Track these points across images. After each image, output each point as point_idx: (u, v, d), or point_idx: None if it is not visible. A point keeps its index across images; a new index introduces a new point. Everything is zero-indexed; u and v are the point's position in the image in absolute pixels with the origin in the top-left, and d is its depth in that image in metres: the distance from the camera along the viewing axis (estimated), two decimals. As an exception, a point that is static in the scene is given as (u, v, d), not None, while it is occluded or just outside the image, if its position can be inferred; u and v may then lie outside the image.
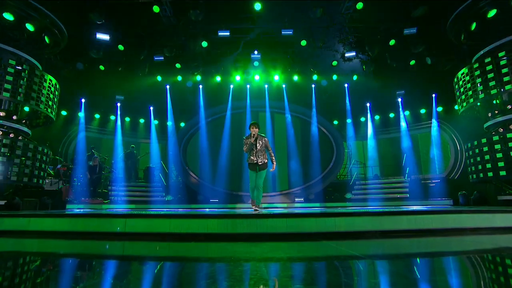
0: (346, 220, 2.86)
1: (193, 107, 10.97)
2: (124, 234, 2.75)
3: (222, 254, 2.10)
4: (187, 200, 9.44)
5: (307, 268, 1.68)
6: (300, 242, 2.60)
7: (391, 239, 2.65)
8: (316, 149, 10.57)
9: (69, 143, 10.54)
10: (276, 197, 9.58)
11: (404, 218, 2.89)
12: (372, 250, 2.24)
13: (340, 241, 2.54)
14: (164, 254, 2.15)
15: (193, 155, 10.66)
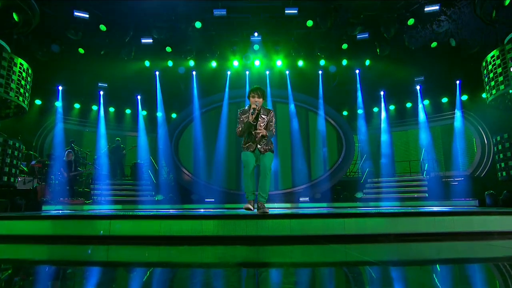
0: (356, 221, 2.85)
1: (185, 96, 10.97)
2: (108, 237, 2.75)
3: (218, 259, 2.10)
4: (180, 199, 9.49)
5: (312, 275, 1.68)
6: (305, 245, 2.59)
7: (407, 243, 2.65)
8: (323, 143, 10.59)
9: (45, 136, 10.54)
10: (278, 197, 9.64)
11: (422, 219, 2.89)
12: (386, 255, 2.24)
13: (349, 245, 2.53)
14: (153, 259, 2.15)
15: (186, 150, 10.69)
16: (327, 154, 10.65)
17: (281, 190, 9.99)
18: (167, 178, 10.99)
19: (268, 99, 10.85)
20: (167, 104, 11.12)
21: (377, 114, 11.77)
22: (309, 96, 11.07)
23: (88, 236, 2.78)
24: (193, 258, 2.20)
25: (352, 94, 10.99)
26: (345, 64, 10.55)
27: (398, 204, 8.49)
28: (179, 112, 11.27)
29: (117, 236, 2.77)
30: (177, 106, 11.33)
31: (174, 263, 1.99)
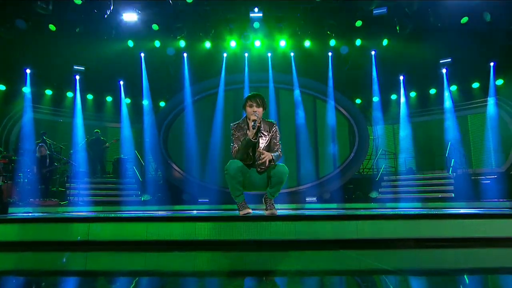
0: (371, 224, 2.84)
1: (175, 82, 10.98)
2: (87, 243, 2.75)
3: (213, 267, 2.10)
4: (169, 200, 9.60)
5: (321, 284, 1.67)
6: (313, 251, 2.59)
7: (430, 250, 2.64)
8: (332, 136, 10.71)
9: (10, 127, 10.49)
10: (281, 197, 9.60)
11: (447, 222, 2.88)
12: (406, 263, 2.24)
13: (363, 251, 2.53)
14: (139, 267, 2.15)
15: (177, 143, 10.75)
16: (337, 148, 10.70)
17: (285, 189, 10.03)
18: (155, 175, 11.04)
19: (270, 85, 10.84)
20: (154, 90, 11.10)
21: (395, 102, 11.75)
22: (317, 81, 11.06)
23: (63, 242, 2.78)
24: (184, 266, 2.20)
25: (366, 79, 10.96)
26: (359, 44, 10.48)
27: (419, 205, 8.52)
28: (168, 100, 11.27)
29: (97, 241, 2.76)
30: (166, 93, 11.32)
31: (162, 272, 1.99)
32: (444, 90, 10.84)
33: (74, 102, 10.92)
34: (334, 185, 10.28)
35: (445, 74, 10.79)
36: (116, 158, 10.57)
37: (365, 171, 11.49)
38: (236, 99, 11.08)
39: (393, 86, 11.39)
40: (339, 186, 10.20)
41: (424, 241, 2.77)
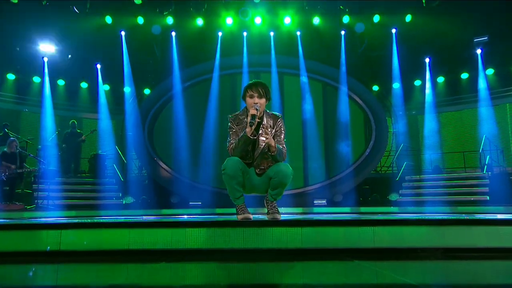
0: (390, 231, 2.85)
1: (162, 66, 11.00)
2: (58, 253, 2.75)
3: (206, 280, 2.10)
4: (156, 203, 9.75)
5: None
6: (322, 261, 2.59)
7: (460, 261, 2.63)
8: (345, 128, 10.72)
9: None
10: (285, 199, 9.62)
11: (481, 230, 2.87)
12: (431, 277, 2.22)
13: (381, 262, 2.53)
14: (119, 281, 2.15)
15: (164, 137, 10.80)
16: (350, 143, 10.71)
17: (290, 190, 10.05)
18: (139, 174, 11.08)
19: (272, 69, 10.85)
20: (137, 76, 11.10)
21: (419, 89, 11.73)
22: (327, 65, 11.03)
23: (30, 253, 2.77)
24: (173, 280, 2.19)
25: (385, 63, 10.94)
26: (377, 21, 10.43)
27: (447, 209, 8.51)
28: (154, 87, 11.27)
29: (70, 251, 2.76)
30: (151, 78, 11.31)
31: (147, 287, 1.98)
32: (479, 75, 10.78)
33: (42, 88, 10.87)
34: (347, 185, 10.31)
35: (480, 55, 10.71)
36: (93, 154, 10.58)
37: (383, 170, 11.50)
38: (233, 85, 11.07)
39: (418, 70, 11.37)
40: (353, 187, 10.22)
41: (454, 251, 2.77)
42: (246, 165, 3.23)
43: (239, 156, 3.19)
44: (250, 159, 3.25)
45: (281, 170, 3.15)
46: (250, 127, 3.06)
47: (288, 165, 3.20)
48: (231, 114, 3.36)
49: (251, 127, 3.06)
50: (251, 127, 3.06)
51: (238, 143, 3.16)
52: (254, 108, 3.10)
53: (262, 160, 3.25)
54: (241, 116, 3.30)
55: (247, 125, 3.11)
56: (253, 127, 3.06)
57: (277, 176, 3.16)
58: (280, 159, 3.22)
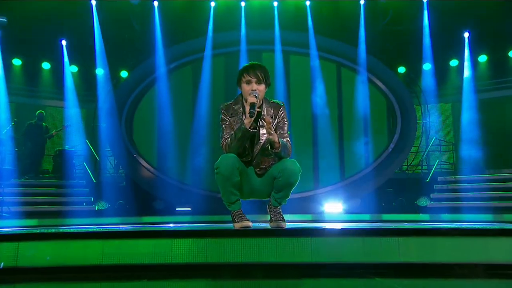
0: (419, 242, 2.84)
1: (143, 43, 10.94)
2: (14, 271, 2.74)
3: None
4: (136, 209, 9.69)
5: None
6: (336, 279, 2.58)
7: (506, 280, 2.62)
8: (364, 119, 10.70)
9: None
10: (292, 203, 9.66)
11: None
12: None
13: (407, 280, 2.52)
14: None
15: (146, 130, 10.86)
16: (370, 137, 10.72)
17: (297, 194, 10.00)
18: (115, 175, 11.04)
19: (276, 48, 10.82)
20: (113, 55, 11.02)
21: (456, 70, 11.66)
22: (343, 42, 10.97)
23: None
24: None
25: (414, 39, 10.86)
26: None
27: (490, 217, 8.51)
28: (132, 68, 11.21)
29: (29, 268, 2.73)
30: (130, 58, 11.24)
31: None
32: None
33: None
34: (366, 188, 10.33)
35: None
36: (58, 150, 10.54)
37: (410, 169, 11.49)
38: (228, 68, 11.06)
39: (454, 47, 11.28)
40: (374, 190, 10.23)
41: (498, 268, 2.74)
42: (243, 163, 3.23)
43: (236, 153, 3.19)
44: (248, 156, 3.26)
45: (287, 168, 3.14)
46: (249, 117, 3.06)
47: (295, 162, 3.20)
48: (223, 104, 3.37)
49: (251, 118, 3.06)
50: (251, 118, 3.06)
51: (234, 137, 3.16)
52: (253, 95, 3.11)
53: (263, 157, 3.25)
54: (235, 106, 3.31)
55: (244, 116, 3.14)
56: (252, 117, 3.06)
57: (282, 175, 3.15)
58: (285, 156, 3.21)
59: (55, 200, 9.61)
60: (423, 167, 11.30)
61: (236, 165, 3.14)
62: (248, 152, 3.24)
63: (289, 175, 3.15)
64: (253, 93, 3.13)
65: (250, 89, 3.17)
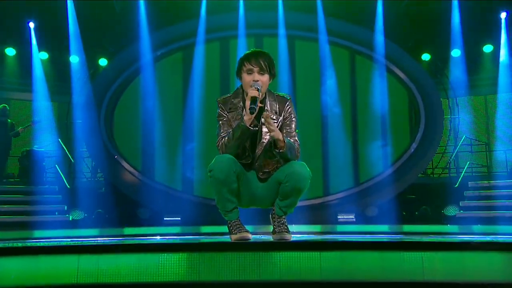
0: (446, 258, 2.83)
1: (125, 26, 10.90)
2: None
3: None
4: (117, 218, 9.77)
5: None
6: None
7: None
8: (382, 114, 10.73)
9: None
10: (298, 212, 9.63)
11: None
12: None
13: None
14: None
15: (129, 127, 10.89)
16: (389, 136, 10.72)
17: (305, 201, 10.03)
18: (92, 179, 11.04)
19: (280, 32, 10.82)
20: (88, 40, 11.02)
21: (490, 57, 11.61)
22: (356, 25, 10.99)
23: None
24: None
25: (440, 21, 10.84)
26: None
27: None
28: (113, 56, 11.21)
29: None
30: (109, 44, 11.24)
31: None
32: None
33: None
34: (384, 194, 10.32)
35: None
36: (25, 151, 10.50)
37: (436, 173, 11.48)
38: (225, 55, 11.06)
39: (488, 31, 11.24)
40: (393, 197, 10.22)
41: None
42: (243, 166, 3.25)
43: (234, 154, 3.20)
44: (249, 158, 3.28)
45: (295, 172, 3.14)
46: (250, 114, 3.05)
47: (304, 165, 3.20)
48: (220, 97, 3.39)
49: (252, 114, 3.05)
50: (252, 114, 3.05)
51: (232, 136, 3.16)
52: (254, 88, 3.10)
53: (266, 159, 3.27)
54: (234, 99, 3.33)
55: (244, 111, 3.13)
56: (254, 113, 3.05)
57: (289, 179, 3.14)
58: (292, 157, 3.22)
59: (22, 209, 9.62)
60: (451, 171, 11.32)
61: (233, 167, 3.13)
62: (248, 153, 3.26)
63: (297, 180, 3.14)
64: (255, 85, 3.14)
65: (251, 80, 3.19)
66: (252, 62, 3.21)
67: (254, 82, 3.16)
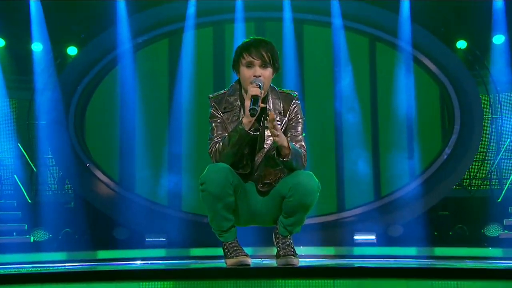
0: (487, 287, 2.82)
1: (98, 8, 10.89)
2: None
3: None
4: (89, 239, 9.78)
5: None
6: None
7: None
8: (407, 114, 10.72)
9: None
10: (307, 231, 9.65)
11: None
12: None
13: None
14: None
15: (103, 130, 10.92)
16: (416, 139, 10.71)
17: (314, 218, 10.04)
18: (59, 193, 11.03)
19: (285, 15, 10.83)
20: (55, 24, 11.00)
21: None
22: (377, 6, 11.00)
23: None
24: None
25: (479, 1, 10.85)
26: None
27: None
28: (84, 43, 11.19)
29: None
30: (80, 29, 11.23)
31: None
32: None
33: None
34: (410, 211, 10.28)
35: None
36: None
37: (474, 185, 11.43)
38: (219, 43, 11.10)
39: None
40: (422, 214, 10.17)
41: None
42: (240, 177, 3.27)
43: (230, 163, 3.22)
44: (247, 167, 3.30)
45: (301, 183, 3.16)
46: (250, 116, 3.06)
47: (312, 175, 3.23)
48: (214, 94, 3.44)
49: (253, 117, 3.07)
50: (253, 117, 3.07)
51: (228, 141, 3.18)
52: (255, 85, 3.12)
53: (267, 169, 3.30)
54: (230, 97, 3.37)
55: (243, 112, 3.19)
56: (254, 116, 3.07)
57: (294, 193, 3.15)
58: (297, 167, 3.24)
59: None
60: (493, 182, 11.22)
61: (230, 179, 3.14)
62: (247, 161, 3.28)
63: (303, 194, 3.16)
64: (255, 81, 3.15)
65: (251, 75, 3.21)
66: (253, 53, 3.22)
67: (255, 78, 3.18)
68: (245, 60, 3.23)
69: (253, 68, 3.21)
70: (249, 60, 3.21)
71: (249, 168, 3.28)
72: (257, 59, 3.20)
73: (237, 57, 3.29)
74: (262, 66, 3.21)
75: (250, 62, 3.21)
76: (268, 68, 3.23)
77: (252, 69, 3.21)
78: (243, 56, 3.24)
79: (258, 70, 3.19)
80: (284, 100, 3.35)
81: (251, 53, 3.21)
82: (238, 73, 3.33)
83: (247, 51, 3.23)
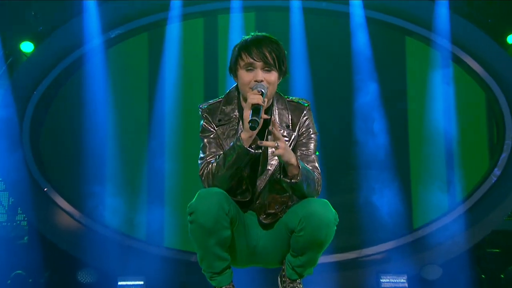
0: None
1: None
2: None
3: None
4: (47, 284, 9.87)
5: None
6: None
7: None
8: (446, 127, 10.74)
9: None
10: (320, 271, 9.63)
11: None
12: None
13: None
14: None
15: (66, 146, 10.85)
16: (458, 158, 10.72)
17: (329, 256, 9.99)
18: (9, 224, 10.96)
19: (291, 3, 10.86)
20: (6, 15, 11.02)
21: None
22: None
23: None
24: None
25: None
26: None
27: None
28: (42, 38, 11.17)
29: None
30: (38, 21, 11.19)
31: None
32: None
33: None
34: (450, 247, 10.21)
35: None
36: None
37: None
38: (211, 38, 11.14)
39: None
40: (465, 251, 10.11)
41: None
42: (239, 205, 3.29)
43: (225, 188, 3.21)
44: (247, 194, 3.32)
45: (314, 214, 3.11)
46: (250, 130, 3.04)
47: (327, 204, 3.20)
48: (205, 103, 3.53)
49: (253, 130, 3.05)
50: (253, 130, 3.05)
51: (224, 161, 3.17)
52: (256, 92, 3.12)
53: (272, 195, 3.33)
54: (226, 107, 3.45)
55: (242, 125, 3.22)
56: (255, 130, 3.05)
57: (306, 225, 3.10)
58: (309, 193, 3.23)
59: None
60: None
61: (225, 208, 3.08)
62: (246, 186, 3.32)
63: (316, 227, 3.11)
64: (257, 86, 3.18)
65: (252, 80, 3.23)
66: (254, 53, 3.23)
67: (256, 83, 3.21)
68: (244, 62, 3.27)
69: (254, 71, 3.25)
70: (248, 61, 3.25)
71: (249, 194, 3.32)
72: (259, 60, 3.23)
73: (235, 58, 3.34)
74: (265, 69, 3.24)
75: (250, 64, 3.25)
76: (273, 72, 3.27)
77: (252, 73, 3.25)
78: (241, 57, 3.29)
79: (260, 74, 3.22)
80: (293, 111, 3.43)
81: (251, 53, 3.24)
82: (235, 77, 3.39)
83: (246, 51, 3.27)
